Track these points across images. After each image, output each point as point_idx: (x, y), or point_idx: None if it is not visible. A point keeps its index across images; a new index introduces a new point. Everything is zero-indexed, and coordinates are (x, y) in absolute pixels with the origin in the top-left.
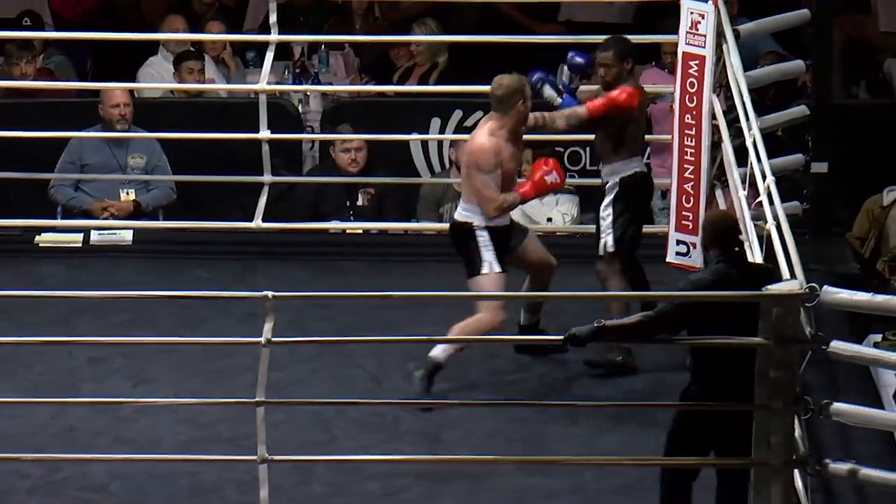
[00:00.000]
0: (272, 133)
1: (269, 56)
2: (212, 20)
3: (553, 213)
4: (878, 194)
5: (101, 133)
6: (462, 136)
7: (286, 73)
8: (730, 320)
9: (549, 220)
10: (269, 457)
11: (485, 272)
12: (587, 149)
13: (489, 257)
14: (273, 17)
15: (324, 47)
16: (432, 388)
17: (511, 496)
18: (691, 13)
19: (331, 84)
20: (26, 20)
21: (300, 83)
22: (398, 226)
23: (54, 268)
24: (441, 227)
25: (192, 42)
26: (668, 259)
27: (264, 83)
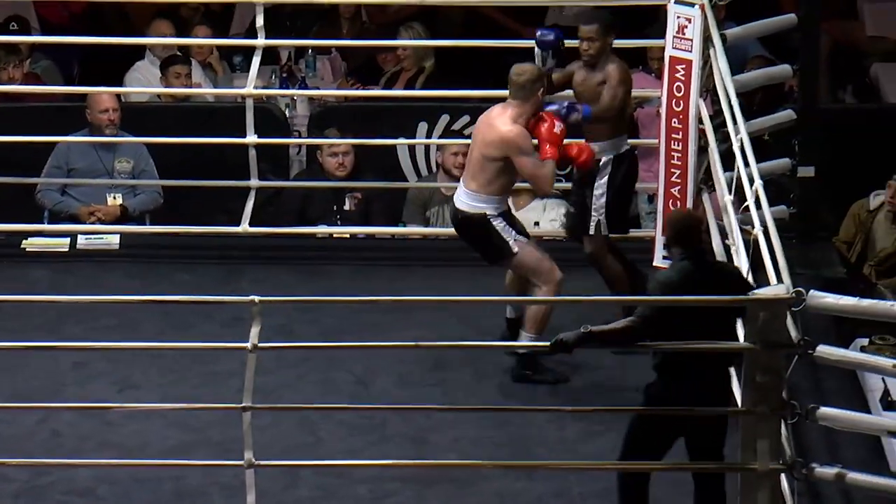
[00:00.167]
0: (259, 137)
1: (256, 60)
2: (198, 24)
3: (542, 218)
4: (865, 198)
5: (89, 137)
6: (449, 140)
7: (273, 77)
8: (702, 318)
9: (536, 223)
10: (255, 461)
11: (516, 250)
12: None
13: (512, 235)
14: (260, 22)
15: (311, 51)
16: (544, 372)
17: (497, 500)
18: (678, 17)
19: (318, 88)
20: (13, 24)
21: (287, 87)
22: (385, 230)
23: (41, 272)
24: (428, 231)
25: (179, 46)
26: (654, 263)
27: (251, 88)
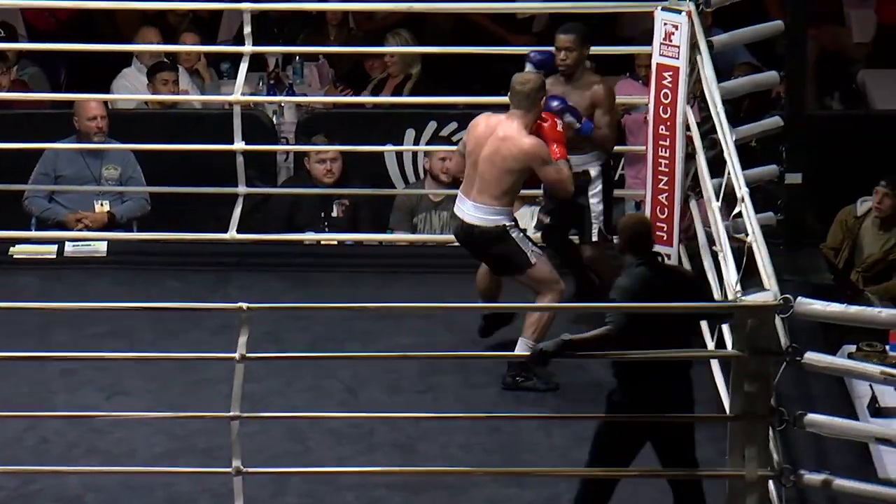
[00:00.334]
0: (247, 144)
1: (244, 67)
2: (186, 31)
3: (529, 225)
4: (852, 205)
5: (76, 144)
6: (437, 147)
7: (261, 84)
8: (667, 323)
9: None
10: (243, 469)
11: (534, 261)
12: None
13: (529, 246)
14: (247, 29)
15: (298, 58)
16: (535, 379)
17: None
18: (665, 24)
19: (305, 95)
20: (0, 31)
21: (275, 94)
22: (373, 237)
23: (28, 279)
24: (416, 238)
25: (167, 53)
26: None
27: (239, 94)
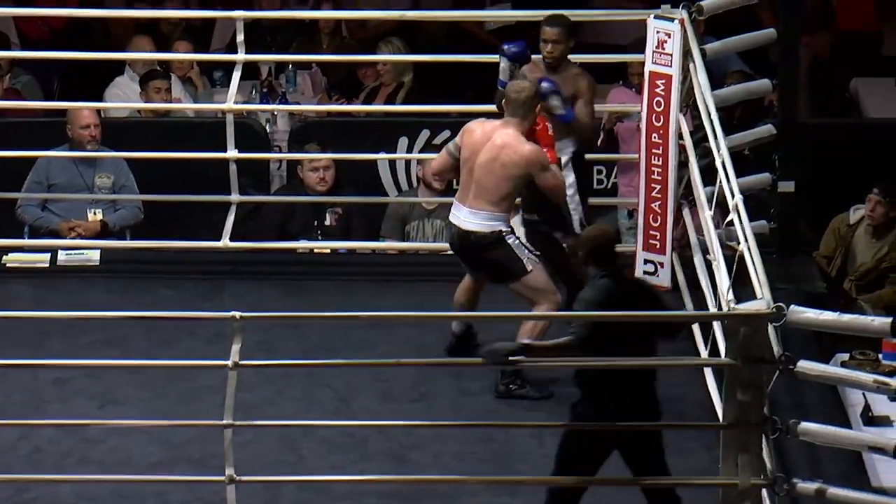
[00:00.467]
0: (240, 152)
1: (237, 75)
2: (179, 40)
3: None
4: (845, 213)
5: (69, 153)
6: (430, 154)
7: (253, 92)
8: (630, 335)
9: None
10: (237, 477)
11: (530, 268)
12: None
13: (525, 253)
14: (240, 37)
15: (291, 66)
16: (528, 387)
17: None
18: (658, 32)
19: (298, 103)
20: None
21: (267, 102)
22: (366, 245)
23: (21, 288)
24: (409, 246)
25: (159, 62)
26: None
27: (231, 103)
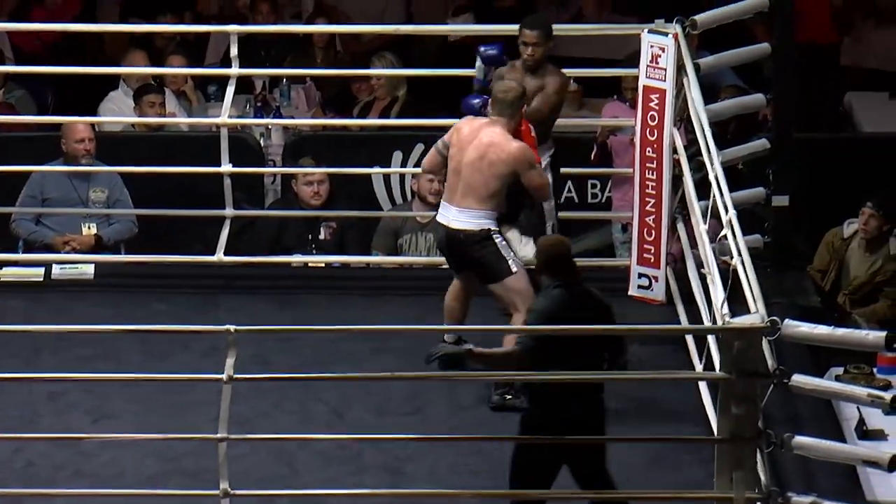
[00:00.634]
0: (234, 167)
1: (231, 90)
2: (173, 54)
3: (525, 250)
4: (839, 227)
5: (63, 167)
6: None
7: (248, 106)
8: (577, 347)
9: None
10: (231, 491)
11: (515, 269)
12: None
13: (510, 255)
14: (234, 51)
15: (285, 81)
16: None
17: None
18: (651, 47)
19: (292, 118)
20: None
21: (262, 117)
22: (360, 259)
23: (15, 302)
24: (403, 260)
25: (153, 76)
26: (630, 292)
27: (225, 117)
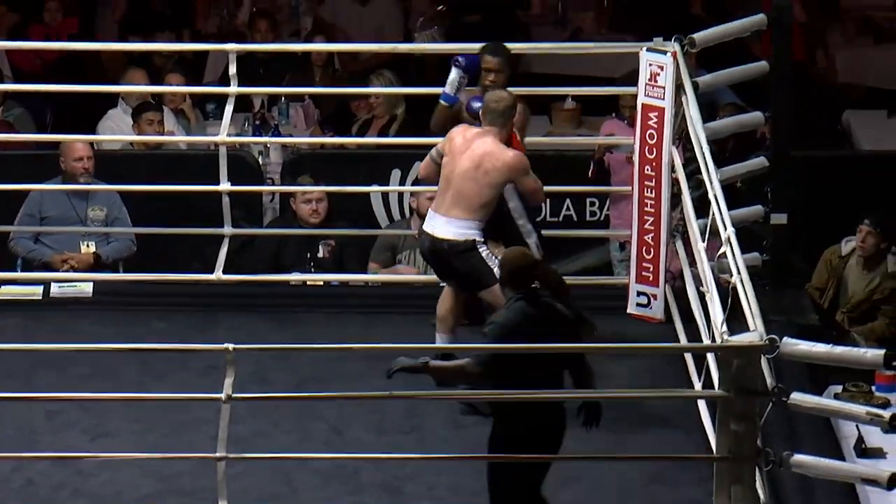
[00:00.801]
0: (232, 185)
1: (229, 108)
2: (171, 72)
3: None
4: (837, 244)
5: (62, 185)
6: (423, 187)
7: (246, 124)
8: (537, 362)
9: None
10: None
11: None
12: (547, 200)
13: (495, 263)
14: (233, 69)
15: (284, 99)
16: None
17: None
18: (650, 65)
19: (291, 136)
20: None
21: (260, 135)
22: (359, 277)
23: (14, 320)
24: (398, 279)
25: (152, 94)
26: (629, 311)
27: (224, 135)
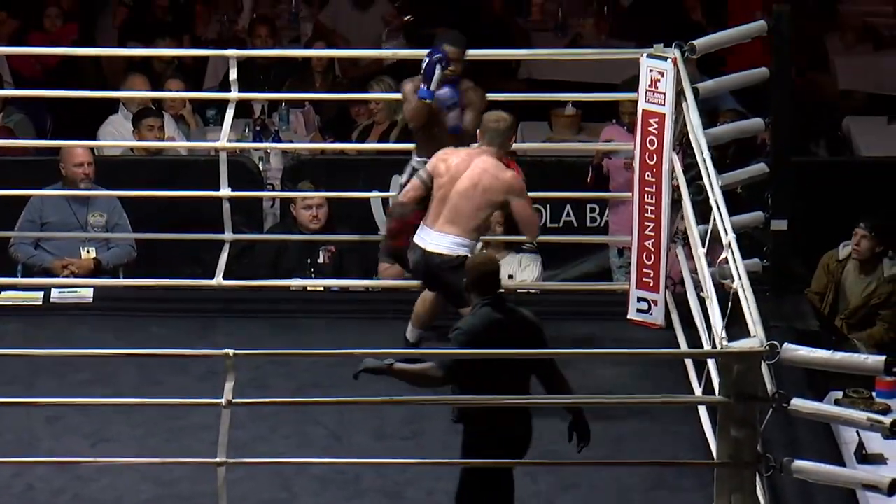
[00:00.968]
0: (233, 190)
1: (230, 114)
2: (171, 78)
3: (516, 271)
4: (835, 249)
5: (62, 191)
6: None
7: (246, 130)
8: (500, 367)
9: (511, 276)
10: None
11: None
12: (547, 206)
13: None
14: (233, 75)
15: (284, 105)
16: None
17: None
18: (651, 71)
19: (291, 141)
20: None
21: (260, 141)
22: (359, 283)
23: (14, 326)
24: (402, 284)
25: (152, 100)
26: (629, 316)
27: (224, 141)
